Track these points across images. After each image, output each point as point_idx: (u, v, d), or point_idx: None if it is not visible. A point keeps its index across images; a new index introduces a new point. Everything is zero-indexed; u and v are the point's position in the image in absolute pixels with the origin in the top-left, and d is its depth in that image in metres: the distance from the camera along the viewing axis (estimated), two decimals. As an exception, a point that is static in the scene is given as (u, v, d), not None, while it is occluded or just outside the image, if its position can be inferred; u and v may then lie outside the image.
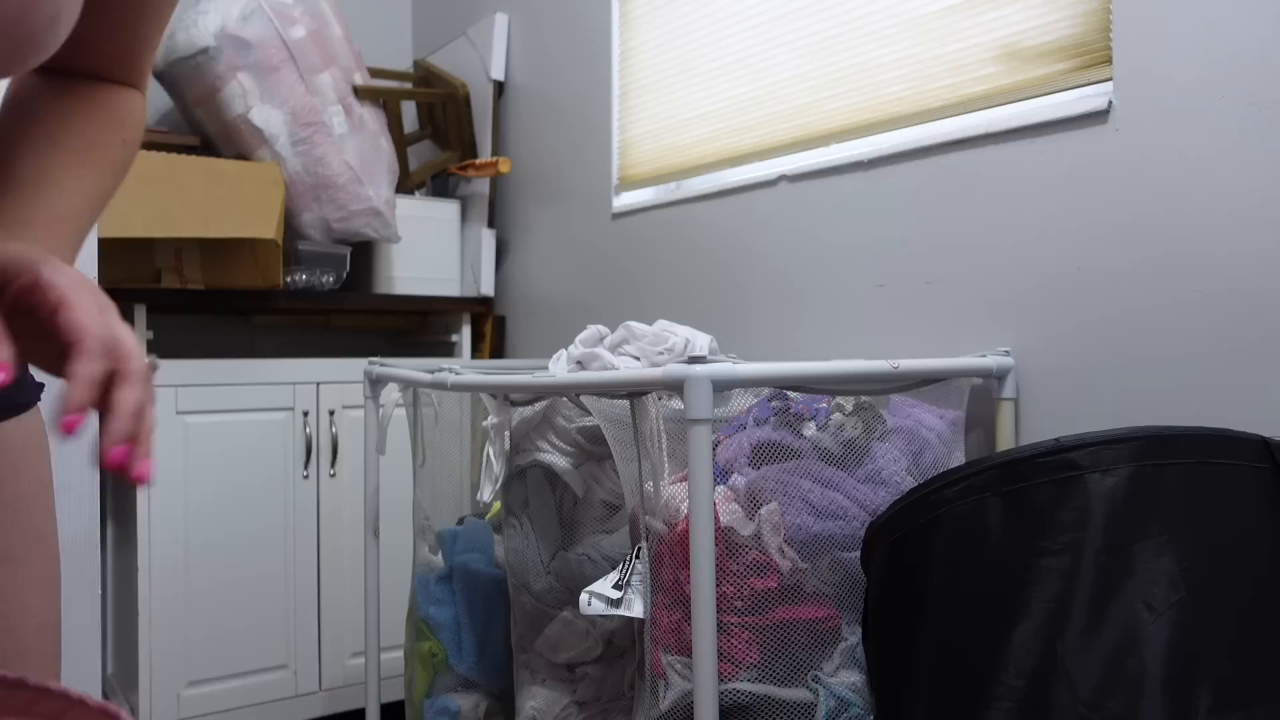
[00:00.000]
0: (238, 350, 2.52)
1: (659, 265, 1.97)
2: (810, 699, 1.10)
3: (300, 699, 2.16)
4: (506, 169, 2.36)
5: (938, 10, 1.44)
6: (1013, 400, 1.31)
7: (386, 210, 2.26)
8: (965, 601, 0.95)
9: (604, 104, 2.12)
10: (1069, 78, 1.28)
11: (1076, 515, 0.90)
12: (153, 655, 1.99)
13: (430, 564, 1.69)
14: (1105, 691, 0.84)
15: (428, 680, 1.64)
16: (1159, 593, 0.87)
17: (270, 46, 2.11)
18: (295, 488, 2.15)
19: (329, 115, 2.17)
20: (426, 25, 2.91)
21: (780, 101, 1.70)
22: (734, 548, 1.12)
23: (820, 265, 1.62)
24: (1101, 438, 0.92)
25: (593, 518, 1.41)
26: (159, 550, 2.00)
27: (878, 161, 1.52)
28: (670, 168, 1.95)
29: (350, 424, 2.21)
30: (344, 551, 2.21)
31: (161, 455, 2.00)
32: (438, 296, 2.41)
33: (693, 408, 1.01)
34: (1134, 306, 1.20)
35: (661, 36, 1.96)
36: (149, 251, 2.09)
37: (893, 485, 1.19)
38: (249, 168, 2.05)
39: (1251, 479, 0.94)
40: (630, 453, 1.19)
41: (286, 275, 2.19)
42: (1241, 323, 1.10)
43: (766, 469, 1.16)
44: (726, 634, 1.09)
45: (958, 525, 0.96)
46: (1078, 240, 1.26)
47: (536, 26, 2.37)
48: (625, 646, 1.34)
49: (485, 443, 1.47)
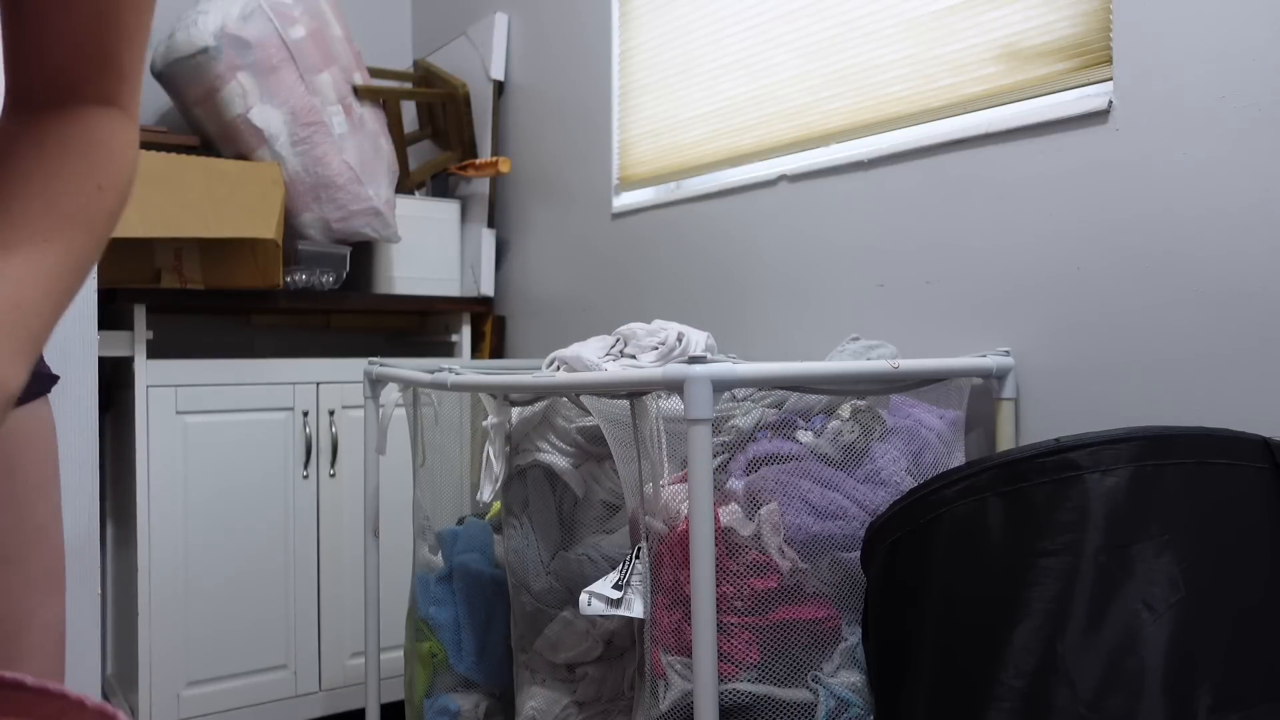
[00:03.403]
0: (237, 350, 2.52)
1: (659, 265, 1.97)
2: (810, 699, 1.10)
3: (300, 699, 2.16)
4: (506, 169, 2.36)
5: (938, 10, 1.44)
6: (1013, 400, 1.31)
7: (386, 210, 2.26)
8: (965, 601, 0.95)
9: (604, 104, 2.12)
10: (1069, 78, 1.28)
11: (1076, 515, 0.90)
12: (152, 655, 1.99)
13: (430, 564, 1.69)
14: (1105, 691, 0.84)
15: (428, 680, 1.64)
16: (1159, 593, 0.87)
17: (270, 46, 2.11)
18: (295, 488, 2.15)
19: (329, 115, 2.17)
20: (426, 25, 2.91)
21: (780, 101, 1.70)
22: (734, 548, 1.12)
23: (820, 265, 1.62)
24: (1101, 438, 0.92)
25: (593, 518, 1.41)
26: (159, 550, 2.00)
27: (878, 161, 1.52)
28: (670, 168, 1.95)
29: (350, 424, 2.21)
30: (344, 551, 2.21)
31: (161, 455, 2.00)
32: (438, 296, 2.41)
33: (693, 408, 1.01)
34: (1134, 306, 1.20)
35: (661, 36, 1.96)
36: (149, 251, 2.09)
37: (892, 485, 1.19)
38: (249, 168, 2.05)
39: (1252, 479, 0.94)
40: (630, 453, 1.19)
41: (286, 275, 2.19)
42: (1241, 323, 1.10)
43: (766, 469, 1.16)
44: (726, 634, 1.09)
45: (957, 525, 0.96)
46: (1078, 240, 1.26)
47: (536, 26, 2.37)
48: (625, 646, 1.34)
49: (485, 443, 1.47)
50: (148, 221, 1.91)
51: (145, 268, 2.09)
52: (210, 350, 2.49)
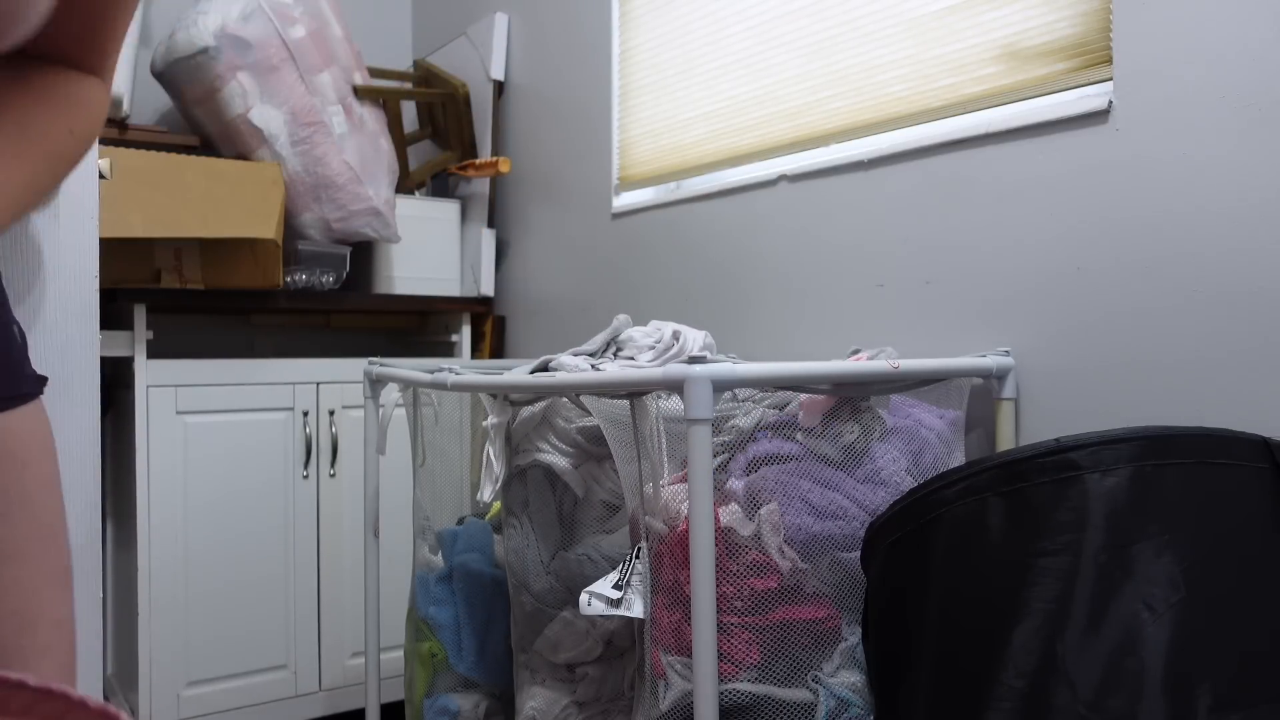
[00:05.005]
0: (237, 350, 2.52)
1: (659, 265, 1.97)
2: (810, 699, 1.10)
3: (300, 699, 2.16)
4: (506, 169, 2.36)
5: (938, 10, 1.44)
6: (1013, 400, 1.31)
7: (386, 210, 2.26)
8: (965, 601, 0.95)
9: (604, 104, 2.12)
10: (1069, 78, 1.28)
11: (1076, 515, 0.90)
12: (153, 655, 1.99)
13: (430, 564, 1.69)
14: (1105, 691, 0.84)
15: (428, 680, 1.64)
16: (1159, 593, 0.87)
17: (270, 46, 2.11)
18: (295, 488, 2.15)
19: (329, 115, 2.17)
20: (426, 25, 2.91)
21: (780, 101, 1.70)
22: (734, 548, 1.12)
23: (820, 265, 1.62)
24: (1101, 438, 0.92)
25: (593, 518, 1.41)
26: (159, 550, 2.00)
27: (878, 161, 1.52)
28: (670, 168, 1.95)
29: (350, 424, 2.21)
30: (344, 551, 2.21)
31: (161, 455, 2.00)
32: (438, 296, 2.41)
33: (693, 408, 1.01)
34: (1134, 307, 1.20)
35: (661, 36, 1.96)
36: (149, 251, 2.09)
37: (892, 485, 1.19)
38: (249, 168, 2.05)
39: (1252, 479, 0.94)
40: (630, 453, 1.19)
41: (286, 275, 2.19)
42: (1241, 323, 1.10)
43: (766, 469, 1.16)
44: (726, 634, 1.09)
45: (957, 525, 0.96)
46: (1078, 240, 1.26)
47: (536, 26, 2.37)
48: (625, 646, 1.34)
49: (485, 443, 1.47)
50: (148, 221, 1.91)
51: (145, 268, 2.09)
52: (210, 350, 2.49)
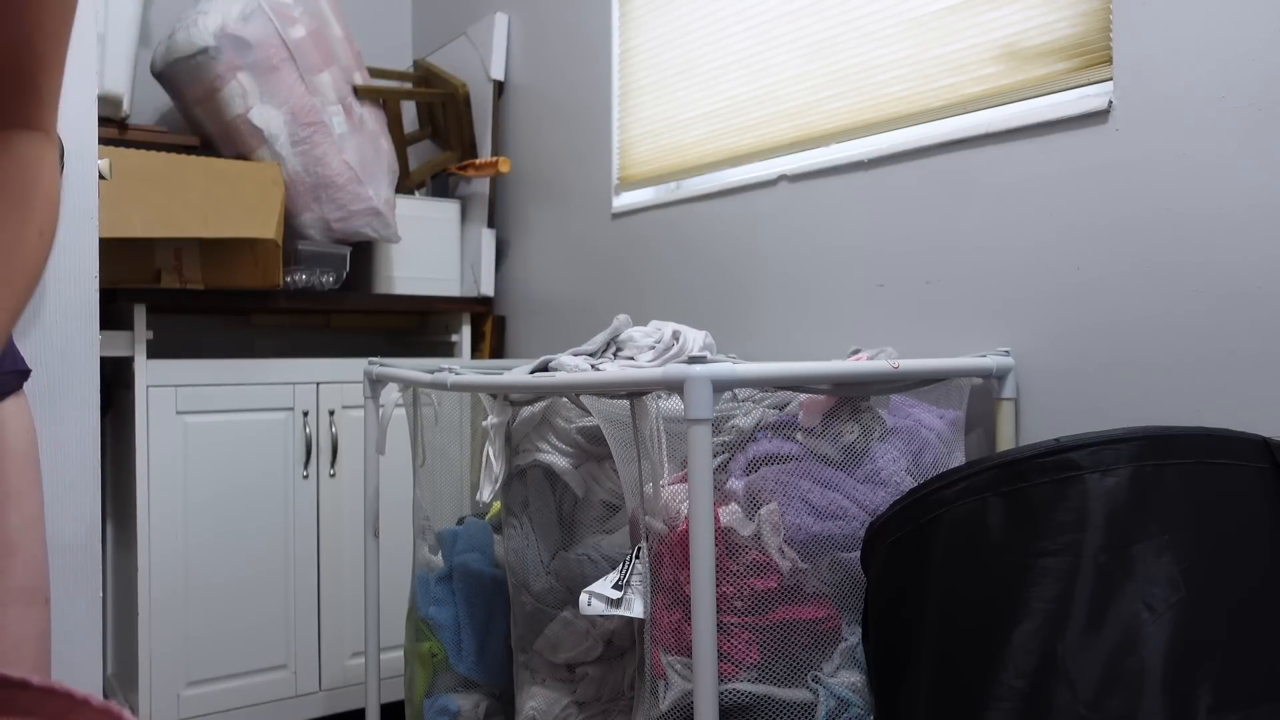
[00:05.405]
0: (237, 350, 2.52)
1: (659, 265, 1.97)
2: (810, 699, 1.10)
3: (300, 699, 2.16)
4: (506, 169, 2.36)
5: (938, 10, 1.45)
6: (1013, 400, 1.31)
7: (386, 210, 2.26)
8: (965, 601, 0.95)
9: (604, 104, 2.12)
10: (1069, 78, 1.29)
11: (1076, 515, 0.90)
12: (153, 655, 1.99)
13: (430, 564, 1.69)
14: (1105, 691, 0.84)
15: (428, 680, 1.64)
16: (1159, 593, 0.87)
17: (270, 46, 2.11)
18: (295, 488, 2.15)
19: (329, 115, 2.17)
20: (426, 25, 2.91)
21: (780, 101, 1.70)
22: (734, 548, 1.12)
23: (820, 265, 1.62)
24: (1101, 438, 0.92)
25: (593, 518, 1.41)
26: (159, 550, 2.00)
27: (878, 161, 1.52)
28: (670, 168, 1.95)
29: (350, 424, 2.21)
30: (344, 551, 2.21)
31: (161, 455, 2.00)
32: (438, 296, 2.41)
33: (693, 408, 1.01)
34: (1134, 307, 1.20)
35: (661, 36, 1.96)
36: (149, 251, 2.09)
37: (892, 485, 1.19)
38: (249, 168, 2.05)
39: (1252, 479, 0.94)
40: (630, 453, 1.19)
41: (286, 275, 2.19)
42: (1241, 323, 1.10)
43: (766, 469, 1.17)
44: (726, 634, 1.09)
45: (957, 525, 0.96)
46: (1078, 240, 1.26)
47: (536, 26, 2.37)
48: (625, 646, 1.34)
49: (485, 443, 1.47)
50: (148, 221, 1.91)
51: (145, 268, 2.09)
52: (210, 350, 2.49)
